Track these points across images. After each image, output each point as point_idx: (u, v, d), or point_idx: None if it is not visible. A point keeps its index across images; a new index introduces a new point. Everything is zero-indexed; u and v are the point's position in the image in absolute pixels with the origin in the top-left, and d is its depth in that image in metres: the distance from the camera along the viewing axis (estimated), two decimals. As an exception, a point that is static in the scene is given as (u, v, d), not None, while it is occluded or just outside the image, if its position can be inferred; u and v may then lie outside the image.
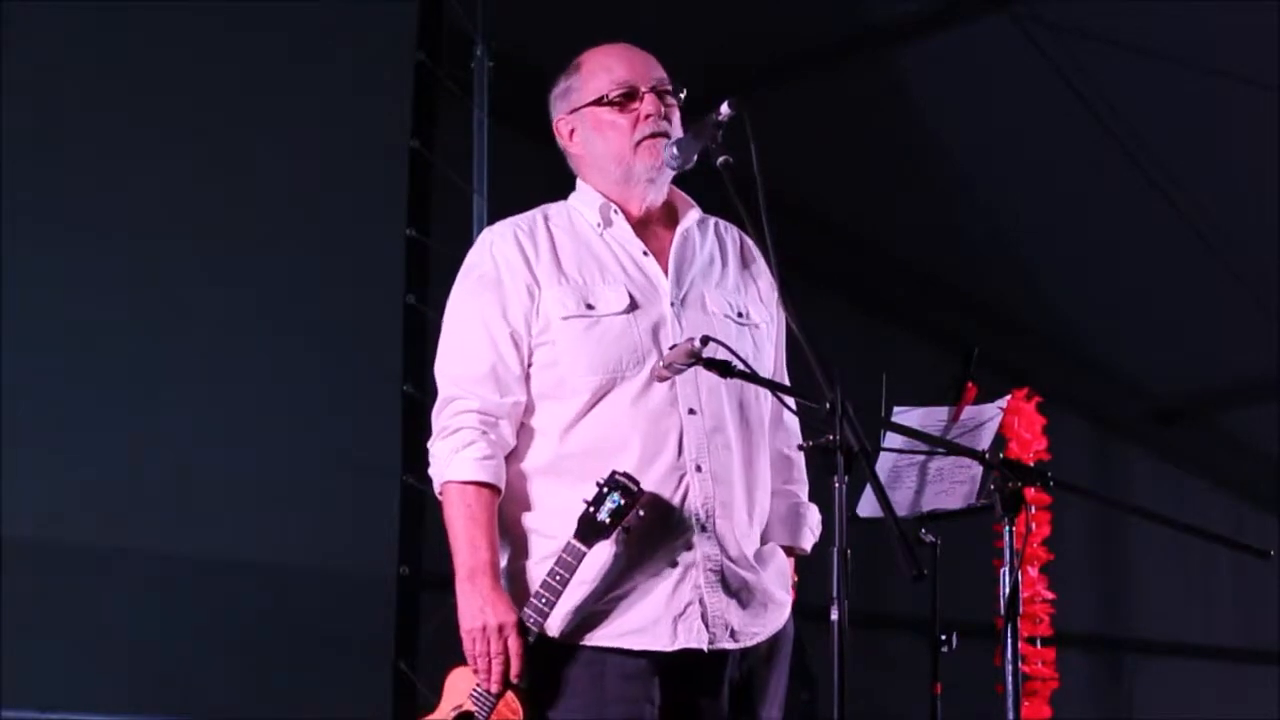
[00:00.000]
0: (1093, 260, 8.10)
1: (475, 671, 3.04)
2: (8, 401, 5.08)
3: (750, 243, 3.34)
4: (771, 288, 3.29)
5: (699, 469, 3.08)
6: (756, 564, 3.16)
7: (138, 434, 5.33)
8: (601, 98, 3.19)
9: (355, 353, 5.72)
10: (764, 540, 3.22)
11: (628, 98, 3.18)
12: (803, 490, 3.33)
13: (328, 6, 5.80)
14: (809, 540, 3.31)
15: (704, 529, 3.08)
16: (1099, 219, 7.89)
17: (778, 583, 3.21)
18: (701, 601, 3.07)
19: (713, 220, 3.32)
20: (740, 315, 3.22)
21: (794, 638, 3.25)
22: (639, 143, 3.17)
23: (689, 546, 3.08)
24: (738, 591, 3.11)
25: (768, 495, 3.23)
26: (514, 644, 3.01)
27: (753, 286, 3.30)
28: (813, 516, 3.32)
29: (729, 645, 3.10)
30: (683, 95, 3.23)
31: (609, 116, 3.19)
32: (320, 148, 5.73)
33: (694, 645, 3.06)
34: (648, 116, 3.17)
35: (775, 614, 3.19)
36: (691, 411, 3.10)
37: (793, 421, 3.29)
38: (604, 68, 3.21)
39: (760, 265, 3.32)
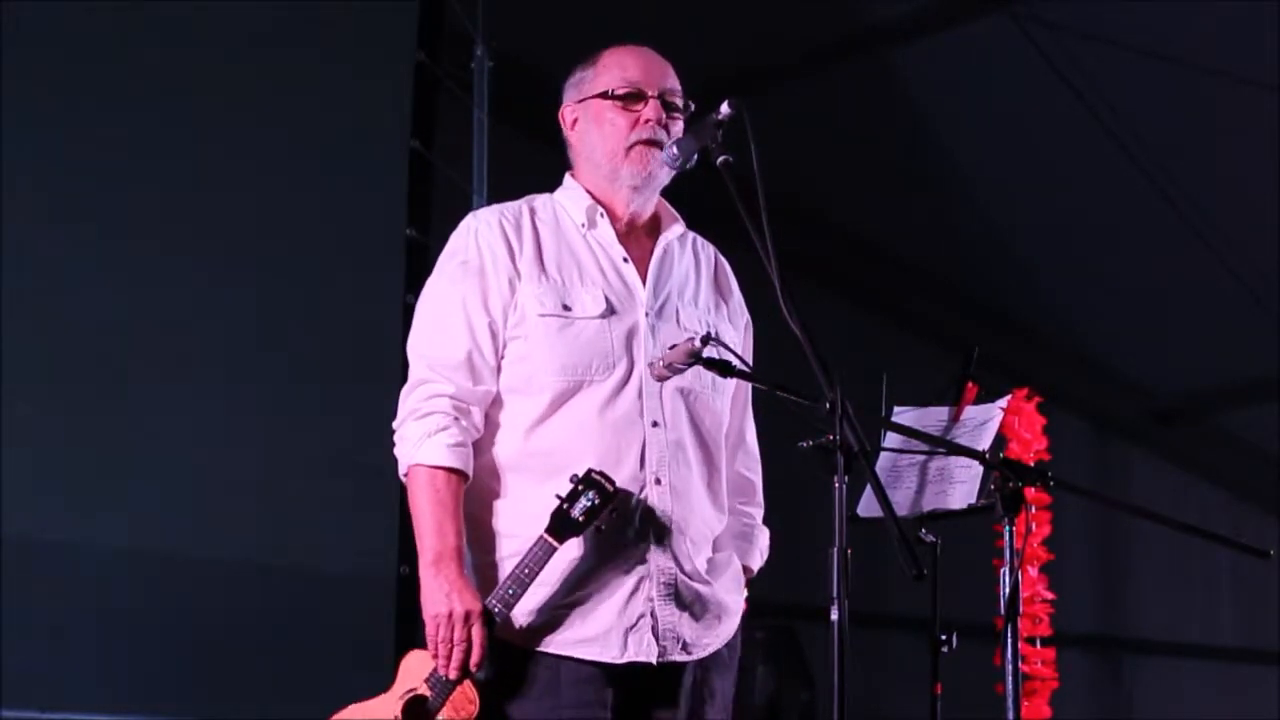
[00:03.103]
0: (1093, 260, 8.10)
1: (434, 657, 3.03)
2: (7, 401, 5.08)
3: (725, 264, 3.34)
4: (742, 311, 3.32)
5: (659, 482, 3.08)
6: (710, 575, 3.16)
7: (138, 434, 5.33)
8: (606, 92, 3.18)
9: (355, 352, 5.71)
10: (717, 549, 3.22)
11: (633, 98, 3.17)
12: (758, 513, 3.34)
13: (328, 6, 5.80)
14: (757, 561, 3.33)
15: (660, 542, 3.08)
16: (1099, 219, 7.90)
17: (732, 590, 3.21)
18: (653, 614, 3.06)
19: (691, 236, 3.31)
20: (711, 335, 3.20)
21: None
22: (631, 146, 3.16)
23: (644, 559, 3.07)
24: (690, 605, 3.11)
25: (724, 514, 3.23)
26: (477, 633, 3.00)
27: (724, 307, 3.30)
28: (763, 540, 3.34)
29: (681, 658, 3.10)
30: (691, 108, 3.21)
31: (609, 113, 3.17)
32: (320, 148, 5.73)
33: (643, 659, 3.05)
34: (646, 121, 3.15)
35: (728, 623, 3.20)
36: (655, 424, 3.10)
37: (754, 445, 3.32)
38: (618, 64, 3.20)
39: (732, 287, 3.33)
